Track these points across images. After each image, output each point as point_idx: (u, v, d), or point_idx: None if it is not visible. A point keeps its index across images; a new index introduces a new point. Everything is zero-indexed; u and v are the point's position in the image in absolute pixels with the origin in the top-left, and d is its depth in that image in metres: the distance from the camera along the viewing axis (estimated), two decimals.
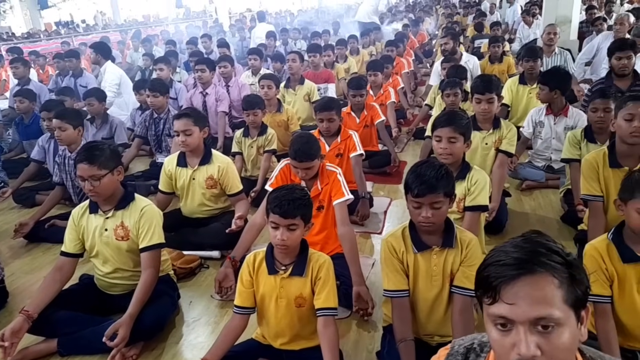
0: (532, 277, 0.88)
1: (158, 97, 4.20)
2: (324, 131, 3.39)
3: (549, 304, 0.87)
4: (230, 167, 3.07)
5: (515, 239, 0.97)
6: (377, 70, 5.13)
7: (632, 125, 2.29)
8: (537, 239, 0.95)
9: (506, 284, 0.89)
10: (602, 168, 2.42)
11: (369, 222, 3.42)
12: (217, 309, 2.56)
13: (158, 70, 5.40)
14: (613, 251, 1.76)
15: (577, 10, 7.43)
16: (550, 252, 0.91)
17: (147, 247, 2.29)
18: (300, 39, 10.13)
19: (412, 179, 1.78)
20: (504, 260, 0.91)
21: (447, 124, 2.32)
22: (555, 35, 5.54)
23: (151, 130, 4.36)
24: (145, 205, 2.34)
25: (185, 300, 2.64)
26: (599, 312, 1.77)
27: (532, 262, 0.89)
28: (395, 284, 1.87)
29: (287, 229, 1.81)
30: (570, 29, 7.27)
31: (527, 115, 3.81)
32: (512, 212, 3.32)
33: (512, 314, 0.88)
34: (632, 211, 1.67)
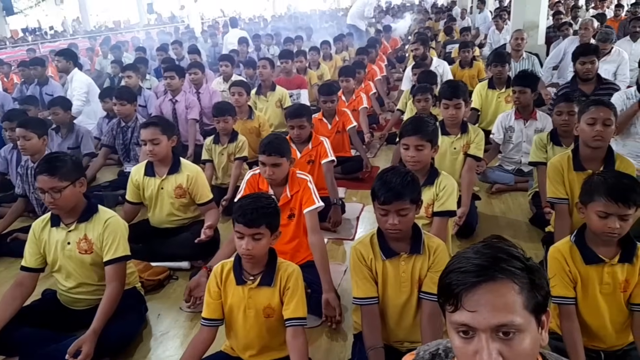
0: (493, 284, 0.88)
1: (125, 105, 4.13)
2: (295, 138, 3.39)
3: (509, 310, 0.87)
4: (200, 175, 3.03)
5: (476, 244, 0.97)
6: (348, 76, 5.15)
7: (594, 129, 2.35)
8: (497, 244, 0.94)
9: (467, 291, 0.88)
10: (566, 171, 2.48)
11: (341, 228, 3.43)
12: (186, 322, 2.52)
13: (126, 78, 5.32)
14: (576, 253, 1.79)
15: (544, 16, 7.61)
16: (510, 258, 0.91)
17: (112, 260, 2.24)
18: (274, 44, 10.13)
19: (378, 186, 1.79)
20: (465, 267, 0.90)
21: (414, 132, 2.34)
22: (523, 41, 5.66)
23: (119, 139, 4.29)
24: (110, 217, 2.29)
25: (153, 313, 2.59)
26: (564, 314, 1.81)
27: (492, 269, 0.89)
28: (365, 292, 1.87)
29: (252, 239, 1.80)
30: (538, 34, 7.44)
31: (496, 121, 3.86)
32: (482, 215, 3.37)
33: (473, 322, 0.88)
34: (592, 214, 1.71)
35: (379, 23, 12.30)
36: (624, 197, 1.64)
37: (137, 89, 5.19)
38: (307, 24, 13.33)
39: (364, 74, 6.09)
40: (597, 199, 1.68)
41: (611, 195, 1.65)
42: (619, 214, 1.66)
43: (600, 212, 1.68)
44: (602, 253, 1.76)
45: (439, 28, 11.51)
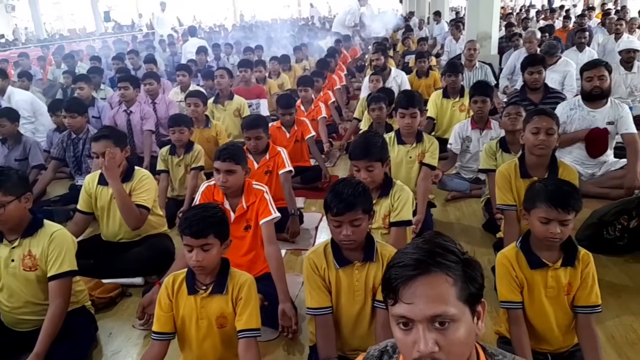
0: (428, 276, 0.93)
1: (76, 117, 4.01)
2: (251, 149, 3.37)
3: (443, 302, 0.92)
4: (148, 180, 2.93)
5: (416, 240, 1.02)
6: (307, 85, 5.18)
7: (538, 138, 2.44)
8: (435, 239, 1.00)
9: (404, 284, 0.93)
10: (514, 179, 2.56)
11: (300, 238, 3.42)
12: (139, 339, 2.45)
13: (78, 90, 5.16)
14: (521, 258, 1.85)
15: (496, 27, 7.89)
16: (446, 252, 0.96)
17: (56, 275, 2.15)
18: (234, 53, 10.08)
19: (330, 198, 1.81)
20: (403, 261, 0.95)
21: (363, 155, 2.37)
22: (476, 51, 5.85)
23: (69, 152, 4.15)
24: (55, 230, 2.21)
25: (104, 332, 2.51)
26: (512, 318, 1.86)
27: (427, 262, 0.94)
28: (318, 302, 1.88)
29: (201, 250, 1.78)
30: (491, 44, 7.70)
31: (452, 132, 3.94)
32: (438, 222, 3.44)
33: (410, 313, 0.92)
34: (535, 220, 1.77)
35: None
36: (563, 203, 1.71)
37: (89, 100, 5.05)
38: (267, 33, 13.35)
39: (323, 83, 6.14)
40: (539, 205, 1.75)
41: (552, 201, 1.71)
42: (560, 219, 1.72)
43: (542, 218, 1.74)
44: (545, 258, 1.82)
45: (398, 38, 11.74)
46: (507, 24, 9.57)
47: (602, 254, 2.85)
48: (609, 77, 3.55)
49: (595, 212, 2.97)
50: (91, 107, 5.02)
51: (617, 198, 3.18)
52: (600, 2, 17.02)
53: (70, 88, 6.81)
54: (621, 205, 2.89)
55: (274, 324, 2.37)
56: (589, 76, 3.56)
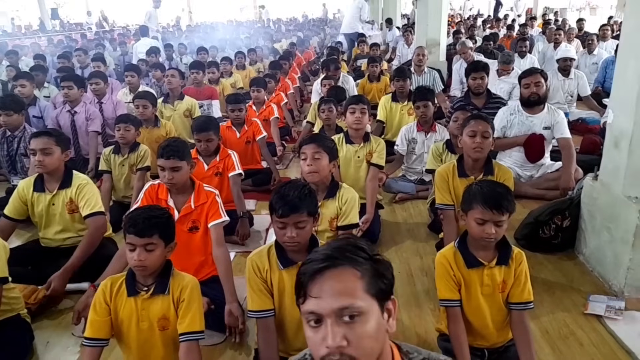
0: (335, 270, 0.93)
1: (11, 115, 3.80)
2: (202, 151, 3.31)
3: (350, 294, 0.91)
4: (90, 185, 2.83)
5: (329, 242, 1.02)
6: (259, 86, 5.15)
7: (474, 141, 2.52)
8: (347, 239, 1.01)
9: (312, 278, 0.93)
10: (451, 178, 2.64)
11: (250, 241, 3.38)
12: (77, 348, 2.34)
13: (19, 87, 4.91)
14: (459, 258, 1.90)
15: (444, 35, 8.11)
16: (355, 249, 0.97)
17: None
18: (187, 54, 9.90)
19: (275, 199, 1.80)
20: (313, 258, 0.95)
21: (311, 141, 2.40)
22: (424, 57, 5.99)
23: (3, 150, 3.95)
24: None
25: (41, 341, 2.39)
26: (450, 316, 1.90)
27: (335, 257, 0.94)
28: (259, 304, 1.86)
29: (144, 249, 1.74)
30: (439, 50, 7.91)
31: (399, 134, 4.02)
32: (385, 222, 3.48)
33: (318, 308, 0.91)
34: (471, 221, 1.82)
35: (291, 37, 12.46)
36: (498, 204, 1.76)
37: (31, 99, 4.82)
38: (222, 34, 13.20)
39: (276, 85, 6.11)
40: (475, 207, 1.79)
41: (487, 203, 1.77)
42: (494, 220, 1.78)
43: (477, 219, 1.79)
44: (481, 257, 1.87)
45: None
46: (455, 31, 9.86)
47: (538, 252, 2.97)
48: (544, 84, 3.72)
49: (532, 212, 3.09)
50: (32, 106, 4.80)
51: (552, 199, 3.32)
52: (542, 13, 17.83)
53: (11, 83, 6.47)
54: (555, 205, 3.02)
55: (221, 328, 2.33)
56: (526, 83, 3.72)
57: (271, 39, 12.51)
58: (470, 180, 2.50)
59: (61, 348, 2.36)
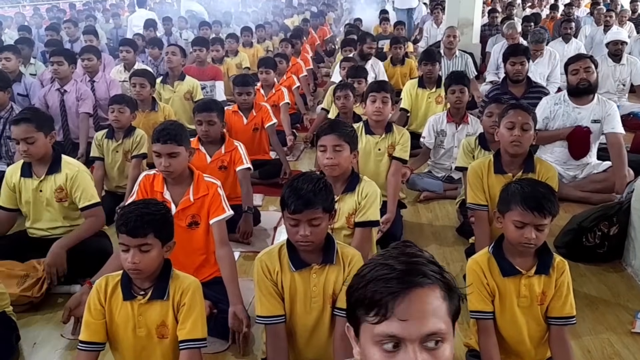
0: (422, 290, 0.92)
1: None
2: (202, 135, 3.33)
3: (439, 317, 0.92)
4: (82, 174, 2.88)
5: (388, 251, 1.00)
6: (269, 67, 5.14)
7: (512, 133, 2.52)
8: (411, 250, 0.99)
9: (396, 299, 0.90)
10: (486, 175, 2.64)
11: (256, 239, 3.41)
12: (67, 351, 2.40)
13: (4, 60, 4.95)
14: (493, 265, 1.91)
15: (478, 13, 8.06)
16: (428, 262, 0.96)
17: None
18: (188, 28, 9.93)
19: (287, 194, 1.82)
20: (388, 274, 0.93)
21: (331, 131, 2.40)
22: (455, 38, 5.96)
23: None
24: None
25: (28, 341, 2.44)
26: (482, 329, 1.91)
27: (416, 275, 0.93)
28: (269, 309, 1.89)
29: (138, 251, 1.76)
30: (472, 32, 7.86)
31: (426, 124, 4.01)
32: (408, 223, 3.50)
33: (403, 332, 0.90)
34: (509, 223, 1.83)
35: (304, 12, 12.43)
36: (539, 206, 1.77)
37: (16, 75, 4.87)
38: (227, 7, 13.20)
39: (287, 66, 6.12)
40: (514, 208, 1.80)
41: (527, 204, 1.77)
42: (535, 223, 1.78)
43: (516, 221, 1.80)
44: (519, 264, 1.88)
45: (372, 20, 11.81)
46: (490, 10, 9.77)
47: (580, 262, 2.97)
48: (595, 71, 3.69)
49: (575, 218, 3.09)
50: (17, 82, 4.86)
51: (598, 203, 3.32)
52: None
53: None
54: (602, 210, 3.01)
55: (224, 334, 2.36)
56: (574, 69, 3.69)
57: (281, 14, 12.51)
58: (507, 177, 2.51)
59: (49, 350, 2.41)
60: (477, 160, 2.76)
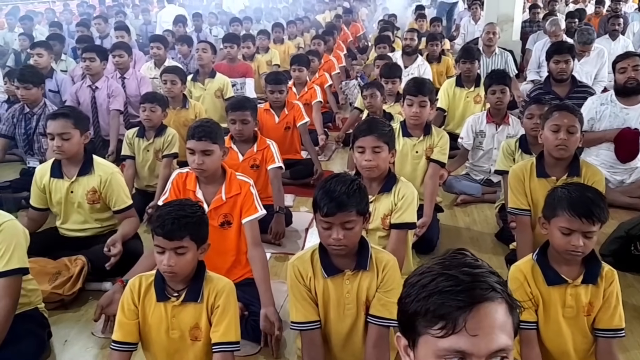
0: (491, 304, 0.91)
1: (30, 89, 3.97)
2: (236, 134, 3.38)
3: (506, 333, 0.91)
4: (116, 177, 2.96)
5: (444, 259, 0.99)
6: (302, 65, 5.18)
7: (557, 136, 2.47)
8: (470, 259, 0.98)
9: (465, 313, 0.90)
10: (528, 179, 2.60)
11: (287, 241, 3.44)
12: (97, 350, 2.46)
13: (36, 56, 5.12)
14: (538, 273, 1.88)
15: (519, 9, 7.94)
16: (490, 274, 0.95)
17: (3, 273, 2.14)
18: (217, 25, 10.05)
19: (320, 195, 1.82)
20: (455, 287, 0.92)
21: (369, 132, 2.39)
22: (495, 35, 5.89)
23: (20, 128, 4.13)
24: (5, 220, 2.20)
25: (59, 339, 2.51)
26: (524, 339, 1.89)
27: (486, 289, 0.92)
28: (304, 315, 1.90)
29: (174, 253, 1.79)
30: (513, 28, 7.75)
31: (465, 125, 3.98)
32: (444, 228, 3.47)
33: (472, 348, 0.89)
34: (555, 230, 1.81)
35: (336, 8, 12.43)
36: (588, 212, 1.74)
37: (48, 71, 5.02)
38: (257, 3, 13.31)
39: (319, 64, 6.14)
40: (560, 214, 1.78)
41: (574, 210, 1.75)
42: (583, 230, 1.76)
43: (563, 228, 1.78)
44: (564, 273, 1.85)
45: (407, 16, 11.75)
46: (531, 5, 9.61)
47: (628, 271, 2.90)
48: None
49: (623, 225, 3.02)
50: (49, 79, 5.00)
51: None
52: None
53: (25, 53, 6.75)
54: None
55: (256, 337, 2.39)
56: (622, 67, 3.63)
57: (313, 10, 12.55)
58: (551, 182, 2.47)
59: (80, 348, 2.48)
60: (518, 163, 2.72)
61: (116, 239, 2.84)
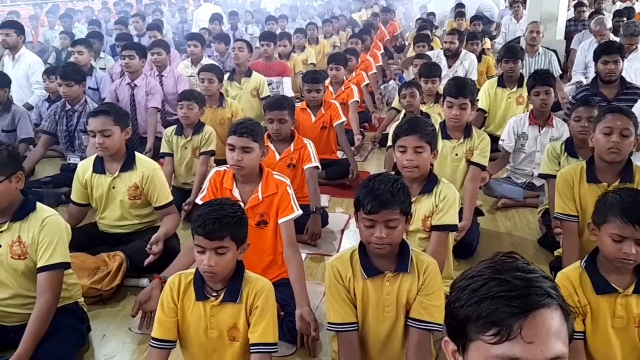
0: (547, 310, 0.91)
1: (72, 86, 4.09)
2: (273, 133, 3.41)
3: (562, 340, 0.91)
4: (157, 172, 3.03)
5: (495, 263, 0.98)
6: (339, 64, 5.19)
7: (610, 140, 2.41)
8: (522, 263, 0.97)
9: (521, 319, 0.89)
10: (578, 184, 2.55)
11: (323, 241, 3.45)
12: (135, 345, 2.51)
13: (77, 54, 5.27)
14: (586, 281, 1.85)
15: (564, 7, 7.78)
16: (545, 279, 0.95)
17: (46, 267, 2.22)
18: (253, 23, 10.16)
19: (363, 194, 1.83)
20: (509, 292, 0.91)
21: (412, 132, 2.38)
22: (539, 34, 5.79)
23: (62, 125, 4.25)
24: (49, 215, 2.28)
25: (98, 333, 2.58)
26: (571, 350, 1.81)
27: (542, 295, 0.91)
28: (342, 316, 1.91)
29: (215, 253, 1.81)
30: (557, 27, 7.60)
31: (506, 126, 3.92)
32: (484, 232, 3.43)
33: (528, 355, 0.89)
34: (605, 237, 1.77)
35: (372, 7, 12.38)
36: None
37: (87, 68, 5.16)
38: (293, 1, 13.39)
39: (356, 63, 6.14)
40: (612, 220, 1.74)
41: (627, 216, 1.71)
42: (635, 237, 1.72)
43: (614, 235, 1.74)
44: (615, 282, 1.81)
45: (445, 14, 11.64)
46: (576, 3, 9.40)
47: None
48: None
49: None
50: (89, 76, 5.14)
51: None
52: None
53: (65, 51, 6.94)
54: None
55: (292, 338, 2.40)
56: None
57: (349, 8, 12.56)
58: (602, 187, 2.42)
59: (118, 343, 2.54)
60: (567, 167, 2.66)
61: (159, 237, 2.89)
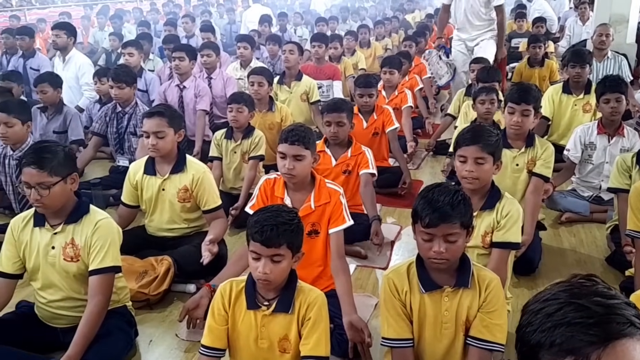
0: (629, 341, 0.88)
1: (124, 88, 4.24)
2: (331, 137, 3.44)
3: None
4: (207, 176, 3.10)
5: (570, 286, 0.96)
6: (393, 67, 5.14)
7: None
8: (601, 287, 0.95)
9: (600, 349, 0.87)
10: None
11: (372, 253, 3.43)
12: (182, 352, 2.56)
13: (127, 55, 5.46)
14: None
15: (635, 9, 7.52)
16: (628, 306, 0.92)
17: (98, 270, 2.30)
18: (302, 25, 10.26)
19: (422, 205, 1.82)
20: (587, 319, 0.90)
21: (473, 141, 2.35)
22: (608, 37, 5.62)
23: (112, 127, 4.40)
24: (101, 218, 2.36)
25: (145, 338, 2.65)
26: None
27: (624, 323, 0.89)
28: (397, 331, 1.90)
29: (270, 261, 1.83)
30: (627, 30, 7.36)
31: (573, 135, 3.83)
32: (547, 248, 3.35)
33: None
34: None
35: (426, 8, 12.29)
36: None
37: (137, 70, 5.33)
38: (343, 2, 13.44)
39: (410, 66, 6.12)
40: None
41: None
42: None
43: None
44: None
45: None
46: None
47: None
48: None
49: None
50: (138, 78, 5.27)
51: None
52: None
53: (115, 53, 7.19)
54: None
55: (342, 352, 2.39)
56: None
57: (402, 9, 12.52)
58: None
59: (165, 349, 2.60)
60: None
61: (213, 240, 2.97)
